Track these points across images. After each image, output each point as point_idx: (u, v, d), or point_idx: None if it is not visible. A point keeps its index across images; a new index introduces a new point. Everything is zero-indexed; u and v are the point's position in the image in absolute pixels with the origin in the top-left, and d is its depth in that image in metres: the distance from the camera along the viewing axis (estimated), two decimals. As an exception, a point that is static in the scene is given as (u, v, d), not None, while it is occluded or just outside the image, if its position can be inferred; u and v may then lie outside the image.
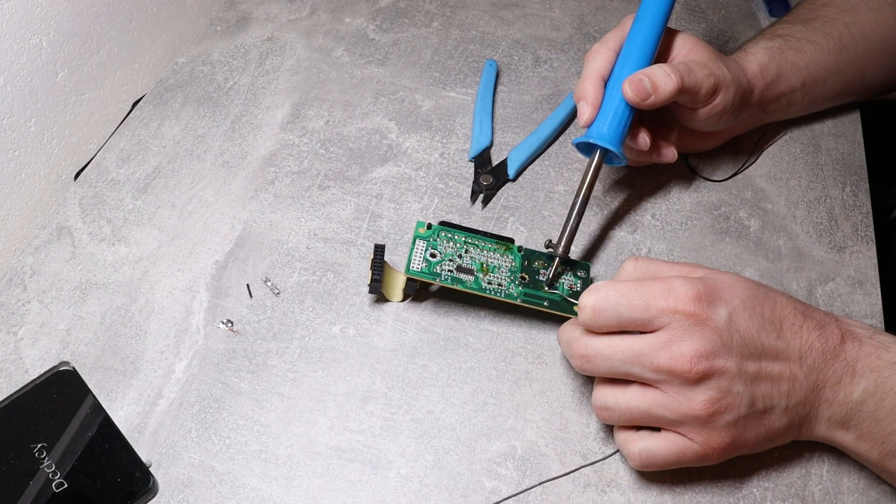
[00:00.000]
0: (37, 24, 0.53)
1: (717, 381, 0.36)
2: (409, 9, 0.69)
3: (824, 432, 0.40)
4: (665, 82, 0.45)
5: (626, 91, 0.45)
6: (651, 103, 0.46)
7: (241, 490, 0.41)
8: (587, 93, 0.47)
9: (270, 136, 0.58)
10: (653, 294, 0.37)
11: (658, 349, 0.36)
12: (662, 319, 0.37)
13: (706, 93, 0.47)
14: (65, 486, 0.40)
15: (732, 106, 0.49)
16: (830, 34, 0.54)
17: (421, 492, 0.41)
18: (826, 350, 0.38)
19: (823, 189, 0.55)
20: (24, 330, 0.47)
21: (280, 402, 0.44)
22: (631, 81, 0.45)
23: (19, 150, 0.54)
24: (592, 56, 0.49)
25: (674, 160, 0.51)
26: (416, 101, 0.61)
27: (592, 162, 0.47)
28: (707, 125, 0.51)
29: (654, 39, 0.48)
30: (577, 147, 0.48)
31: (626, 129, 0.47)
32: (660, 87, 0.45)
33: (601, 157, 0.47)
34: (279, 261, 0.50)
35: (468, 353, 0.46)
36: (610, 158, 0.48)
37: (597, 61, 0.48)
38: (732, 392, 0.36)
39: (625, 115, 0.46)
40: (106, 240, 0.52)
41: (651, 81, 0.45)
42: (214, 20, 0.67)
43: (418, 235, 0.46)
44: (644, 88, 0.45)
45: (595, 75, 0.48)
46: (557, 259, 0.46)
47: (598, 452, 0.42)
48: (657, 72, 0.45)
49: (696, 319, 0.36)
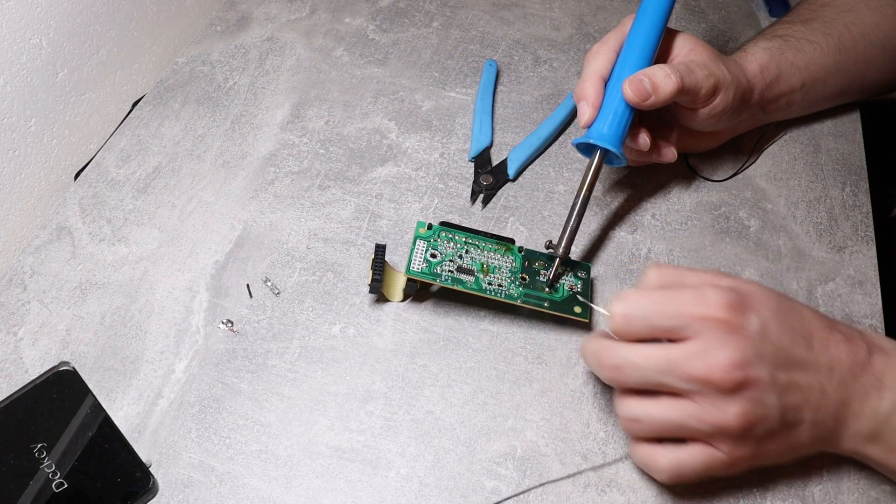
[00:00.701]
0: (37, 24, 0.53)
1: (752, 392, 0.35)
2: (409, 9, 0.69)
3: (851, 445, 0.39)
4: (665, 83, 0.45)
5: (627, 92, 0.45)
6: (651, 104, 0.45)
7: (241, 490, 0.41)
8: (587, 93, 0.47)
9: (270, 136, 0.58)
10: (684, 301, 0.36)
11: (692, 358, 0.35)
12: (695, 327, 0.35)
13: (706, 93, 0.47)
14: (65, 486, 0.40)
15: (732, 106, 0.49)
16: (830, 34, 0.54)
17: (421, 492, 0.41)
18: (854, 363, 0.37)
19: (823, 189, 0.55)
20: (24, 330, 0.47)
21: (280, 402, 0.44)
22: (631, 82, 0.45)
23: (19, 150, 0.54)
24: (593, 56, 0.49)
25: (674, 160, 0.51)
26: (416, 101, 0.61)
27: (592, 162, 0.47)
28: (707, 125, 0.51)
29: (654, 39, 0.48)
30: (577, 147, 0.48)
31: (626, 129, 0.47)
32: (660, 88, 0.45)
33: (601, 158, 0.47)
34: (279, 261, 0.50)
35: (468, 353, 0.46)
36: (610, 159, 0.48)
37: (597, 61, 0.48)
38: (765, 404, 0.35)
39: (625, 115, 0.46)
40: (106, 240, 0.52)
41: (651, 82, 0.45)
42: (214, 20, 0.67)
43: (419, 236, 0.46)
44: (644, 89, 0.45)
45: (595, 75, 0.48)
46: (558, 260, 0.46)
47: (597, 452, 0.42)
48: (657, 72, 0.45)
49: (729, 327, 0.35)
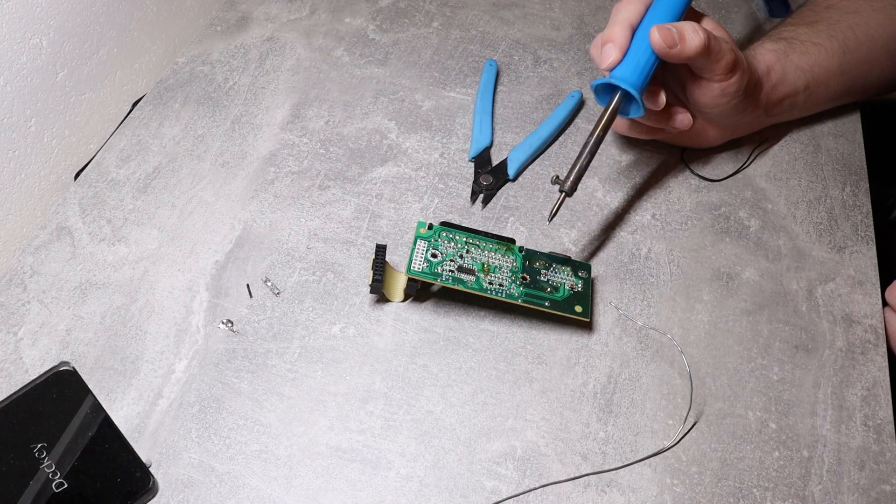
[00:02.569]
0: (37, 24, 0.53)
1: None
2: (409, 9, 0.69)
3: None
4: (692, 37, 0.45)
5: (654, 36, 0.45)
6: (676, 53, 0.45)
7: (241, 490, 0.41)
8: (616, 36, 0.47)
9: (270, 136, 0.58)
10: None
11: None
12: None
13: (726, 64, 0.47)
14: (65, 486, 0.40)
15: (744, 92, 0.49)
16: (835, 36, 0.54)
17: (421, 492, 0.41)
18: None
19: (823, 189, 0.55)
20: (24, 330, 0.47)
21: (280, 402, 0.44)
22: (660, 28, 0.45)
23: (19, 150, 0.54)
24: (624, 5, 0.48)
25: (688, 126, 0.51)
26: (416, 101, 0.61)
27: (611, 104, 0.46)
28: (715, 110, 0.50)
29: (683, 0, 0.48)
30: (595, 91, 0.48)
31: (648, 77, 0.47)
32: (686, 40, 0.45)
33: (620, 100, 0.46)
34: (279, 261, 0.50)
35: (468, 353, 0.46)
36: (626, 108, 0.48)
37: (628, 9, 0.48)
38: None
39: (649, 64, 0.46)
40: (106, 240, 0.52)
41: (679, 33, 0.45)
42: (214, 20, 0.67)
43: (419, 236, 0.46)
44: (672, 37, 0.45)
45: (626, 21, 0.47)
46: (563, 195, 0.45)
47: (597, 452, 0.42)
48: (686, 26, 0.46)
49: None
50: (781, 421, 0.44)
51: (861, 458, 0.42)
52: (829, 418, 0.44)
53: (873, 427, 0.43)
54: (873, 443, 0.43)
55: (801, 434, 0.43)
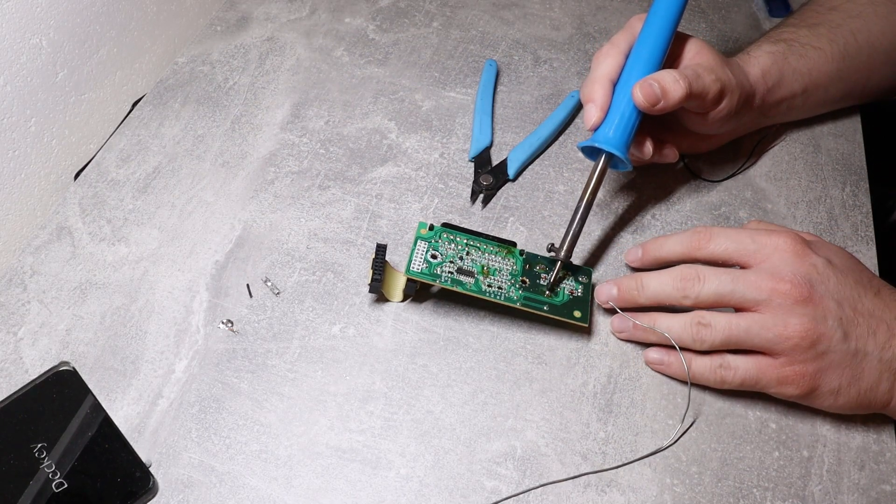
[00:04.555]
0: (37, 24, 0.53)
1: (814, 310, 0.39)
2: (409, 9, 0.69)
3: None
4: (674, 88, 0.45)
5: (637, 95, 0.45)
6: (660, 108, 0.45)
7: (241, 490, 0.41)
8: (596, 95, 0.47)
9: (270, 136, 0.58)
10: (759, 233, 0.42)
11: (763, 272, 0.41)
12: (765, 252, 0.41)
13: (712, 98, 0.47)
14: (65, 486, 0.40)
15: (736, 110, 0.49)
16: (836, 41, 0.53)
17: (421, 492, 0.41)
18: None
19: (823, 189, 0.55)
20: (24, 330, 0.47)
21: (280, 402, 0.44)
22: (641, 86, 0.45)
23: (19, 150, 0.54)
24: (602, 58, 0.48)
25: (675, 160, 0.52)
26: (416, 101, 0.61)
27: (597, 167, 0.46)
28: (709, 129, 0.51)
29: (664, 44, 0.48)
30: (582, 151, 0.48)
31: (632, 134, 0.46)
32: (669, 93, 0.45)
33: (606, 162, 0.46)
34: (279, 261, 0.50)
35: (468, 353, 0.46)
36: (615, 164, 0.48)
37: (606, 63, 0.48)
38: (827, 324, 0.39)
39: (632, 119, 0.46)
40: (106, 240, 0.52)
41: (661, 86, 0.45)
42: (214, 20, 0.67)
43: (420, 236, 0.46)
44: (654, 93, 0.45)
45: (604, 78, 0.47)
46: (560, 263, 0.45)
47: (597, 452, 0.42)
48: (666, 78, 0.45)
49: (797, 254, 0.40)
50: (781, 421, 0.44)
51: (861, 458, 0.42)
52: (828, 418, 0.44)
53: (873, 427, 0.43)
54: (873, 443, 0.43)
55: (801, 434, 0.43)
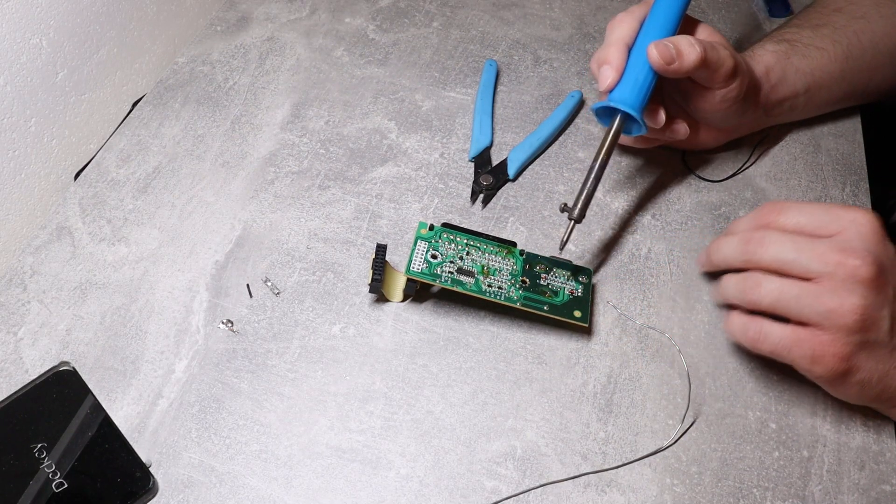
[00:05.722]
0: (37, 24, 0.53)
1: (875, 296, 0.38)
2: (409, 9, 0.69)
3: None
4: (689, 51, 0.45)
5: (652, 54, 0.45)
6: (675, 69, 0.45)
7: (241, 490, 0.41)
8: (612, 57, 0.47)
9: (270, 136, 0.58)
10: (834, 205, 0.42)
11: (833, 244, 0.39)
12: (841, 224, 0.40)
13: (727, 71, 0.47)
14: (65, 486, 0.40)
15: (743, 96, 0.49)
16: (839, 41, 0.54)
17: (421, 492, 0.41)
18: None
19: (823, 189, 0.55)
20: (24, 330, 0.47)
21: (280, 402, 0.44)
22: (657, 45, 0.45)
23: (19, 150, 0.54)
24: (617, 23, 0.48)
25: (686, 136, 0.51)
26: (416, 101, 0.61)
27: (612, 127, 0.46)
28: (716, 115, 0.50)
29: (678, 13, 0.48)
30: (595, 114, 0.48)
31: (647, 96, 0.46)
32: (684, 55, 0.45)
33: (621, 122, 0.46)
34: (279, 261, 0.50)
35: (468, 353, 0.46)
36: (629, 128, 0.48)
37: (622, 28, 0.48)
38: (882, 313, 0.38)
39: (647, 82, 0.46)
40: (106, 240, 0.52)
41: (676, 48, 0.45)
42: (214, 20, 0.67)
43: (420, 236, 0.46)
44: (670, 53, 0.45)
45: (620, 42, 0.47)
46: (573, 223, 0.45)
47: (597, 452, 0.42)
48: (682, 40, 0.45)
49: (876, 232, 0.40)
50: (781, 421, 0.44)
51: (861, 458, 0.42)
52: (829, 418, 0.44)
53: (873, 427, 0.43)
54: (873, 443, 0.43)
55: (801, 434, 0.43)
